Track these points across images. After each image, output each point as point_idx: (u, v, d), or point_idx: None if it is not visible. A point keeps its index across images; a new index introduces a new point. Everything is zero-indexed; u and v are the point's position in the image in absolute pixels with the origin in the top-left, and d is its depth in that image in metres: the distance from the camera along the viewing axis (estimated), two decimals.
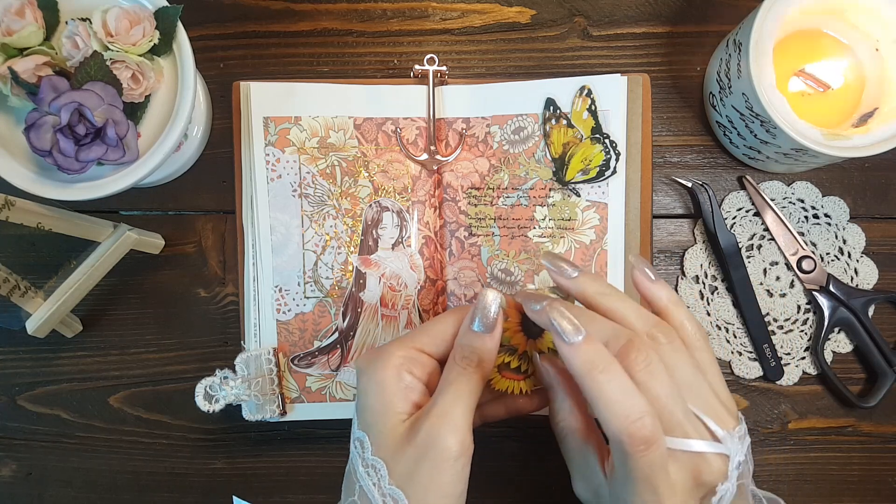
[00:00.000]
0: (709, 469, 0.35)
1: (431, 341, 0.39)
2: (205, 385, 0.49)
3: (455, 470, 0.35)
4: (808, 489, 0.53)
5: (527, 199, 0.51)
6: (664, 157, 0.53)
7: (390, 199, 0.52)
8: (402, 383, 0.37)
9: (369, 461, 0.36)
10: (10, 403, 0.54)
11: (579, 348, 0.34)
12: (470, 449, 0.36)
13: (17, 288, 0.47)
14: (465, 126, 0.52)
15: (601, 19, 0.54)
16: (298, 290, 0.51)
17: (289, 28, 0.54)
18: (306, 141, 0.51)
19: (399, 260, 0.51)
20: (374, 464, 0.36)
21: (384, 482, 0.35)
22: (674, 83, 0.54)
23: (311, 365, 0.51)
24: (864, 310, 0.51)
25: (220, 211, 0.54)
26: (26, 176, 0.43)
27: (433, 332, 0.39)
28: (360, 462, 0.37)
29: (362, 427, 0.37)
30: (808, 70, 0.49)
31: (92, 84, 0.41)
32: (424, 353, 0.38)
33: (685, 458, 0.34)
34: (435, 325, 0.39)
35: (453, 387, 0.36)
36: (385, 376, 0.37)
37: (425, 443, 0.35)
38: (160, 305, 0.54)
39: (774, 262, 0.53)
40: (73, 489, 0.54)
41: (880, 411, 0.52)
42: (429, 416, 0.35)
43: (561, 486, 0.53)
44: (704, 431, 0.35)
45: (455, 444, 0.35)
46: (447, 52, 0.54)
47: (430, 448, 0.35)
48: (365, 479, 0.36)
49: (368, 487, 0.36)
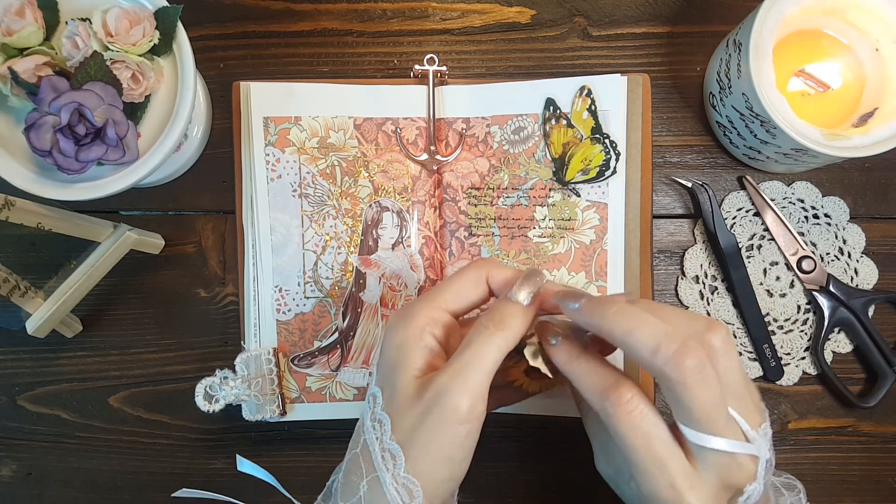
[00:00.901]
0: (739, 471, 0.34)
1: (455, 298, 0.38)
2: (205, 385, 0.49)
3: (459, 433, 0.34)
4: (808, 489, 0.53)
5: (527, 199, 0.51)
6: (664, 157, 0.53)
7: (390, 199, 0.52)
8: (423, 342, 0.36)
9: (377, 415, 0.36)
10: (10, 403, 0.54)
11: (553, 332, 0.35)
12: (481, 416, 0.34)
13: (17, 288, 0.47)
14: (465, 126, 0.52)
15: (601, 19, 0.54)
16: (298, 290, 0.51)
17: (289, 28, 0.54)
18: (306, 141, 0.51)
19: (399, 260, 0.51)
20: (380, 418, 0.35)
21: (386, 437, 0.35)
22: (674, 83, 0.54)
23: (311, 365, 0.51)
24: (864, 310, 0.51)
25: (220, 211, 0.54)
26: (26, 176, 0.43)
27: (456, 289, 0.38)
28: (369, 416, 0.36)
29: (378, 383, 0.37)
30: (808, 70, 0.49)
31: (92, 84, 0.41)
32: (448, 311, 0.38)
33: (715, 460, 0.34)
34: (458, 282, 0.38)
35: (473, 347, 0.35)
36: (407, 335, 0.36)
37: (433, 399, 0.34)
38: (160, 305, 0.54)
39: (774, 262, 0.53)
40: (73, 489, 0.54)
41: (880, 411, 0.52)
42: (442, 373, 0.34)
43: (561, 487, 0.53)
44: (739, 432, 0.34)
45: (464, 405, 0.33)
46: (447, 52, 0.54)
47: (436, 405, 0.33)
48: (370, 432, 0.36)
49: (371, 441, 0.35)
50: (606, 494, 0.52)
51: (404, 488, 0.34)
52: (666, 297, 0.53)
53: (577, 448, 0.53)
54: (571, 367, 0.36)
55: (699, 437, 0.33)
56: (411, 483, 0.34)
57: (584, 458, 0.53)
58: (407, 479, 0.34)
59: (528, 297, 0.36)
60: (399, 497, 0.34)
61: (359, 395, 0.52)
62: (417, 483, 0.34)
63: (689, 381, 0.32)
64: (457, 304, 0.38)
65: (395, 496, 0.34)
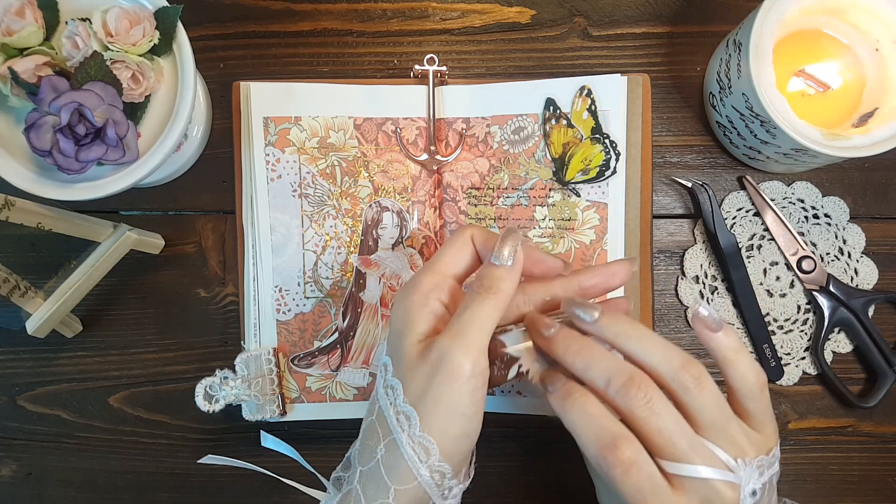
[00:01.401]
0: (719, 497, 0.35)
1: (452, 262, 0.39)
2: (205, 385, 0.49)
3: (467, 389, 0.35)
4: (808, 489, 0.53)
5: (527, 199, 0.51)
6: (664, 157, 0.53)
7: (390, 199, 0.52)
8: (427, 308, 0.37)
9: (389, 382, 0.37)
10: (10, 403, 0.54)
11: (552, 379, 0.37)
12: (484, 372, 0.36)
13: (17, 288, 0.47)
14: (465, 126, 0.52)
15: (601, 19, 0.54)
16: (298, 290, 0.51)
17: (289, 28, 0.54)
18: (306, 141, 0.51)
19: (399, 260, 0.51)
20: (392, 384, 0.37)
21: (399, 400, 0.36)
22: (674, 83, 0.54)
23: (311, 365, 0.51)
24: (864, 310, 0.51)
25: (220, 211, 0.54)
26: (26, 176, 0.43)
27: (450, 254, 0.39)
28: (381, 383, 0.37)
29: (388, 352, 0.38)
30: (808, 70, 0.49)
31: (92, 84, 0.41)
32: (449, 276, 0.39)
33: (693, 487, 0.35)
34: (450, 248, 0.39)
35: (469, 310, 0.36)
36: (412, 301, 0.37)
37: (437, 360, 0.35)
38: (160, 305, 0.54)
39: (774, 262, 0.53)
40: (73, 489, 0.54)
41: (880, 411, 0.52)
42: (444, 335, 0.36)
43: (561, 487, 0.53)
44: (716, 460, 0.35)
45: (467, 363, 0.35)
46: (447, 52, 0.54)
47: (441, 365, 0.35)
48: (383, 398, 0.37)
49: (385, 406, 0.37)
50: None
51: (420, 446, 0.35)
52: (666, 297, 0.53)
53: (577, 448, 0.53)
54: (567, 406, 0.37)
55: (671, 465, 0.35)
56: (427, 441, 0.35)
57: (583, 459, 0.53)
58: (422, 437, 0.35)
59: (511, 256, 0.38)
60: (416, 455, 0.35)
61: (359, 394, 0.52)
62: (432, 440, 0.35)
63: (636, 412, 0.35)
64: (455, 267, 0.39)
65: (413, 455, 0.35)
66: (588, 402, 0.36)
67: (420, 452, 0.35)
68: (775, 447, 0.38)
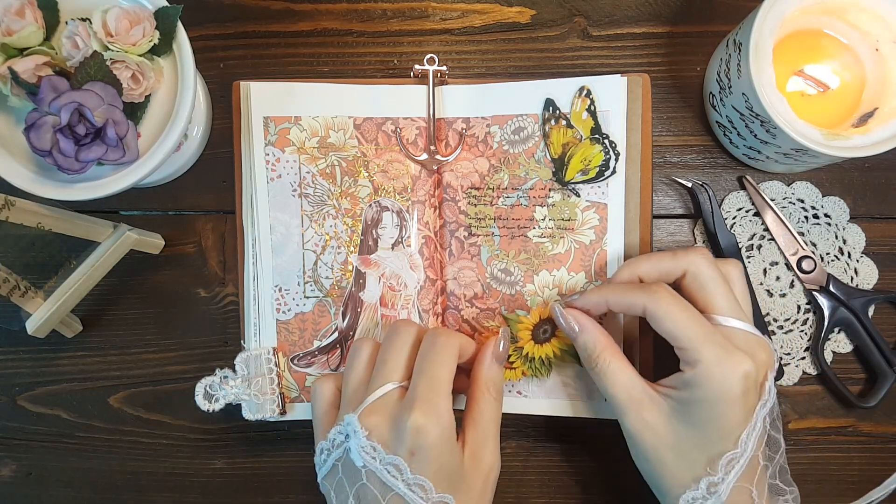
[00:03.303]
0: (761, 351, 0.42)
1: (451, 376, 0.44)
2: (205, 384, 0.49)
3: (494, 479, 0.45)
4: (808, 489, 0.53)
5: (527, 200, 0.51)
6: (664, 157, 0.53)
7: (390, 198, 0.52)
8: (452, 431, 0.43)
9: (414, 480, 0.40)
10: (10, 403, 0.54)
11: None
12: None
13: (17, 288, 0.47)
14: (465, 126, 0.52)
15: (601, 19, 0.54)
16: (298, 290, 0.51)
17: (289, 28, 0.54)
18: (306, 141, 0.51)
19: (399, 260, 0.51)
20: (420, 482, 0.40)
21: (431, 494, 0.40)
22: (674, 83, 0.54)
23: (310, 364, 0.51)
24: (864, 310, 0.51)
25: (220, 211, 0.54)
26: (26, 176, 0.43)
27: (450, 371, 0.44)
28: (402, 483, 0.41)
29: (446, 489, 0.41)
30: (808, 70, 0.49)
31: (92, 84, 0.41)
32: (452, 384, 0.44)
33: (741, 337, 0.42)
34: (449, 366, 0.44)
35: (491, 416, 0.45)
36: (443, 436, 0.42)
37: (486, 472, 0.44)
38: (160, 305, 0.54)
39: (774, 262, 0.53)
40: (73, 489, 0.54)
41: (880, 411, 0.52)
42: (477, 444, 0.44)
43: (561, 485, 0.53)
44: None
45: (493, 459, 0.44)
46: (447, 52, 0.54)
47: (489, 476, 0.44)
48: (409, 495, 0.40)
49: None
50: (606, 492, 0.52)
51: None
52: None
53: (576, 445, 0.53)
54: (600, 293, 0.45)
55: (730, 320, 0.42)
56: None
57: (583, 456, 0.53)
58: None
59: (504, 358, 0.47)
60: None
61: None
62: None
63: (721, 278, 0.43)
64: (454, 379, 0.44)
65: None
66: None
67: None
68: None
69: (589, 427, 0.51)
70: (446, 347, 0.43)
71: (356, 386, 0.44)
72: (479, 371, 0.45)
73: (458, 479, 0.41)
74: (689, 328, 0.41)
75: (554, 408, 0.51)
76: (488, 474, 0.43)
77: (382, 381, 0.43)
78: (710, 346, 0.40)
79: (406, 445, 0.40)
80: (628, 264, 0.46)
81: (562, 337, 0.48)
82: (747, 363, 0.40)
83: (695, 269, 0.43)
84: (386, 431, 0.41)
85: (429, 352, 0.43)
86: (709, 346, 0.40)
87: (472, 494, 0.42)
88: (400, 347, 0.44)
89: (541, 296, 0.51)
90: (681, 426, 0.41)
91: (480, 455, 0.43)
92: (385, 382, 0.43)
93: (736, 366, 0.40)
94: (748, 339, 0.42)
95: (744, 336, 0.42)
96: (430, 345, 0.43)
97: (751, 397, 0.40)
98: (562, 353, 0.48)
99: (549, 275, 0.51)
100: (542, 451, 0.53)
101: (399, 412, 0.41)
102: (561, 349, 0.48)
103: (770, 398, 0.42)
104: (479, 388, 0.45)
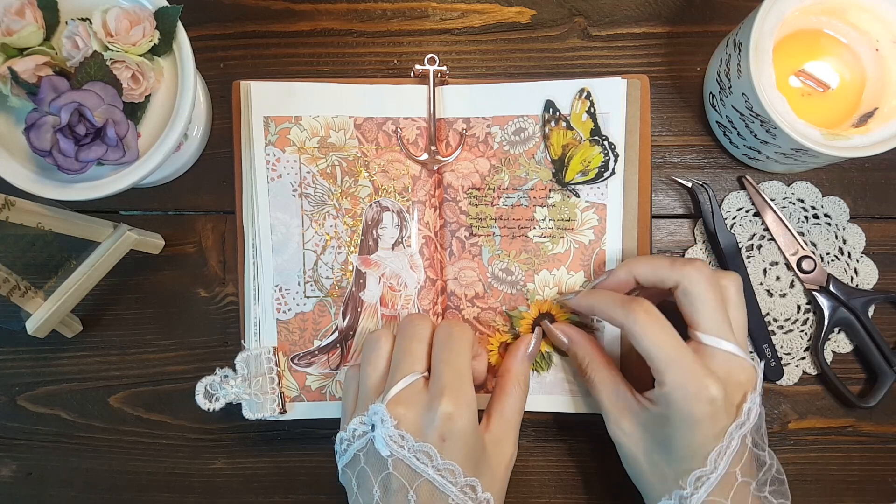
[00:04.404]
0: (741, 372, 0.42)
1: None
2: (205, 384, 0.49)
3: (511, 465, 0.46)
4: (808, 489, 0.53)
5: (527, 200, 0.51)
6: (664, 158, 0.53)
7: (390, 199, 0.52)
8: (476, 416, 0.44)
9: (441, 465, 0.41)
10: (10, 403, 0.54)
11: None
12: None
13: (17, 288, 0.47)
14: (465, 126, 0.52)
15: (601, 19, 0.54)
16: (298, 290, 0.51)
17: (289, 28, 0.54)
18: (306, 141, 0.51)
19: (399, 260, 0.51)
20: (450, 467, 0.41)
21: (460, 477, 0.41)
22: (674, 83, 0.54)
23: (310, 364, 0.51)
24: (864, 310, 0.51)
25: (220, 211, 0.54)
26: (26, 176, 0.43)
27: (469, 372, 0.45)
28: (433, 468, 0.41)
29: (474, 473, 0.42)
30: (808, 70, 0.49)
31: (92, 84, 0.41)
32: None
33: (722, 358, 0.42)
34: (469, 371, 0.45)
35: (517, 408, 0.47)
36: (473, 424, 0.43)
37: (503, 453, 0.45)
38: (160, 305, 0.54)
39: (774, 262, 0.53)
40: (73, 489, 0.54)
41: (880, 411, 0.52)
42: (497, 431, 0.46)
43: (561, 484, 0.53)
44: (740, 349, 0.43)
45: (514, 448, 0.46)
46: (447, 52, 0.54)
47: (508, 458, 0.45)
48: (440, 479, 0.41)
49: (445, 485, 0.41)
50: (606, 492, 0.52)
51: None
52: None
53: (575, 445, 0.53)
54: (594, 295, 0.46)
55: (712, 339, 0.42)
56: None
57: (582, 456, 0.53)
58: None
59: (535, 356, 0.50)
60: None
61: None
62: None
63: (709, 296, 0.43)
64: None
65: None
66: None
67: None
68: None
69: (589, 427, 0.51)
70: (463, 338, 0.45)
71: (377, 377, 0.45)
72: (513, 364, 0.48)
73: (484, 464, 0.43)
74: (660, 349, 0.41)
75: (554, 404, 0.51)
76: (510, 461, 0.45)
77: (406, 371, 0.43)
78: (676, 368, 0.41)
79: (438, 432, 0.41)
80: (626, 264, 0.46)
81: None
82: (714, 388, 0.40)
83: (687, 284, 0.43)
84: (415, 420, 0.42)
85: (448, 342, 0.44)
86: (675, 368, 0.41)
87: (496, 479, 0.44)
88: (420, 339, 0.45)
89: (541, 294, 0.51)
90: (652, 439, 0.43)
91: (504, 442, 0.45)
92: (409, 372, 0.43)
93: (700, 390, 0.40)
94: (728, 360, 0.42)
95: (724, 357, 0.42)
96: (447, 335, 0.45)
97: (720, 419, 0.41)
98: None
99: (549, 274, 0.51)
100: (542, 451, 0.53)
101: (428, 401, 0.42)
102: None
103: (750, 419, 0.42)
104: (510, 380, 0.47)
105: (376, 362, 0.45)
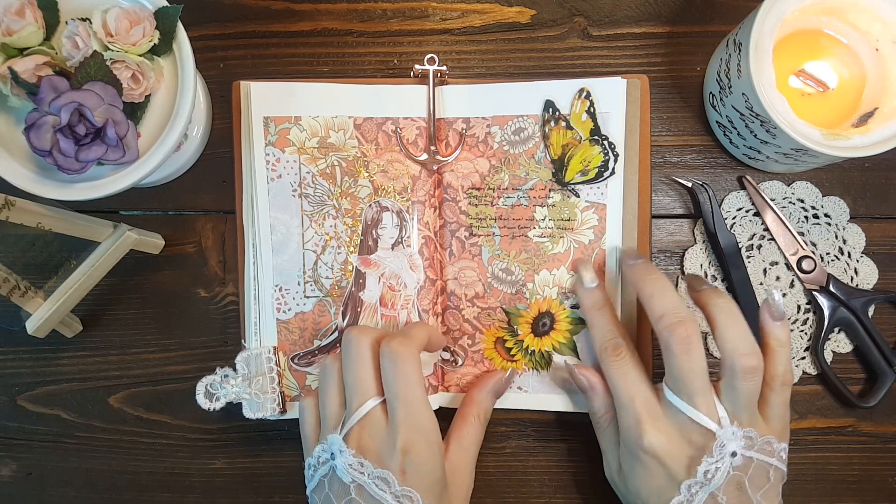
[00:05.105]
0: (698, 436, 0.42)
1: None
2: (205, 383, 0.49)
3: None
4: (808, 489, 0.53)
5: (527, 200, 0.51)
6: (664, 157, 0.53)
7: (390, 199, 0.52)
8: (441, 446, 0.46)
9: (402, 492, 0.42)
10: (10, 403, 0.54)
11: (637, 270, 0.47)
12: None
13: (17, 288, 0.47)
14: (465, 126, 0.52)
15: (601, 19, 0.54)
16: (298, 290, 0.51)
17: (289, 28, 0.54)
18: (306, 141, 0.51)
19: (399, 260, 0.51)
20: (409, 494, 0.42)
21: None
22: (674, 83, 0.54)
23: (310, 364, 0.51)
24: (864, 310, 0.51)
25: (220, 211, 0.54)
26: (26, 176, 0.43)
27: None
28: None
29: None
30: (808, 70, 0.49)
31: (92, 84, 0.41)
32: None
33: (678, 417, 0.42)
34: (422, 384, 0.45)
35: (475, 439, 0.48)
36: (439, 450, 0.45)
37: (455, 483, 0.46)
38: (160, 305, 0.54)
39: (774, 262, 0.53)
40: (73, 489, 0.54)
41: (880, 411, 0.52)
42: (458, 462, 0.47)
43: (561, 484, 0.53)
44: (711, 408, 0.42)
45: (470, 479, 0.48)
46: (447, 52, 0.54)
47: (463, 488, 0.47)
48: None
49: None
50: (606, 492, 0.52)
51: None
52: None
53: (576, 445, 0.53)
54: (593, 313, 0.47)
55: (669, 393, 0.43)
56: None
57: (582, 456, 0.53)
58: None
59: (502, 393, 0.50)
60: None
61: None
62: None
63: (674, 348, 0.41)
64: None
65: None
66: (609, 309, 0.48)
67: None
68: (776, 442, 0.42)
69: (589, 427, 0.51)
70: (409, 362, 0.43)
71: (334, 407, 0.46)
72: (477, 396, 0.49)
73: (444, 493, 0.44)
74: (624, 395, 0.43)
75: (554, 403, 0.51)
76: (467, 492, 0.47)
77: (361, 401, 0.44)
78: (626, 412, 0.43)
79: (399, 466, 0.42)
80: (631, 272, 0.47)
81: (561, 330, 0.50)
82: (658, 440, 0.42)
83: (666, 334, 0.42)
84: (376, 449, 0.43)
85: (394, 371, 0.43)
86: (624, 412, 0.43)
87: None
88: (364, 363, 0.45)
89: (541, 294, 0.51)
90: (626, 487, 0.45)
91: (461, 472, 0.46)
92: (363, 402, 0.44)
93: (640, 437, 0.42)
94: (683, 421, 0.42)
95: (682, 417, 0.42)
96: (392, 364, 0.43)
97: (672, 470, 0.42)
98: (561, 347, 0.50)
99: (549, 274, 0.51)
100: (542, 451, 0.53)
101: (385, 435, 0.43)
102: (560, 342, 0.50)
103: (711, 482, 0.41)
104: (471, 412, 0.48)
105: (330, 391, 0.46)
